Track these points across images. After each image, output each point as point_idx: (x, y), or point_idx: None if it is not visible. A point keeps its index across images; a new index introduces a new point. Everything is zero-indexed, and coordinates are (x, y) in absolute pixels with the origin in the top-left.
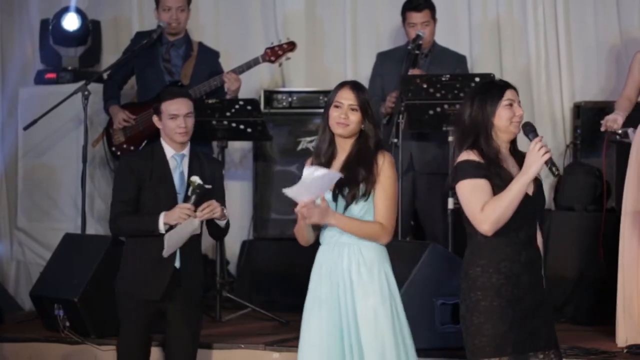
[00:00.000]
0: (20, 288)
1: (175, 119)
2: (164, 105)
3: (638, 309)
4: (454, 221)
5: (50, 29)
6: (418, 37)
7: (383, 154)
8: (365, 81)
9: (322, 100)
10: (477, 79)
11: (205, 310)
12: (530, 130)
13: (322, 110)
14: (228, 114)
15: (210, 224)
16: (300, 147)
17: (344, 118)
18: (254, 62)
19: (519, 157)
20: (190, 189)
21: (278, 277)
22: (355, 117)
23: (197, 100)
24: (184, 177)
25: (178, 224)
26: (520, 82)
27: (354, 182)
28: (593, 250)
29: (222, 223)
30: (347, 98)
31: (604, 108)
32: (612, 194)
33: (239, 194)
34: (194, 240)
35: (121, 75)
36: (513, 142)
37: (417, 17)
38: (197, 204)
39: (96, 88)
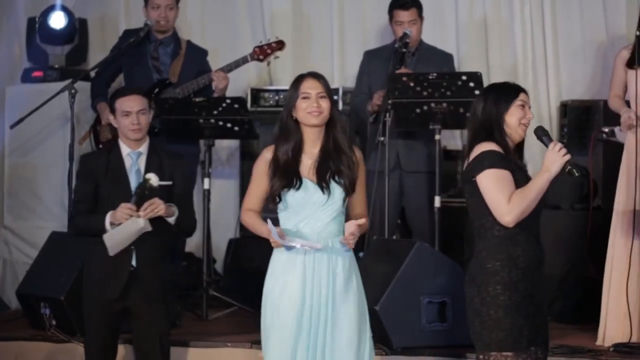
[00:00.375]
0: (6, 286)
1: (128, 115)
2: (118, 103)
3: (625, 308)
4: (441, 220)
5: (37, 27)
6: (405, 35)
7: (356, 147)
8: (353, 80)
9: None
10: (464, 78)
11: (192, 308)
12: (543, 133)
13: None
14: (215, 112)
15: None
16: None
17: (317, 107)
18: (243, 61)
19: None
20: (136, 188)
21: (265, 275)
22: (326, 104)
23: (184, 98)
24: (140, 175)
25: (121, 223)
26: (508, 80)
27: (343, 170)
28: (579, 248)
29: (170, 220)
30: (313, 87)
31: (591, 107)
32: (598, 193)
33: (225, 192)
34: (153, 239)
35: (109, 73)
36: (520, 148)
37: (404, 15)
38: (140, 204)
39: (83, 86)
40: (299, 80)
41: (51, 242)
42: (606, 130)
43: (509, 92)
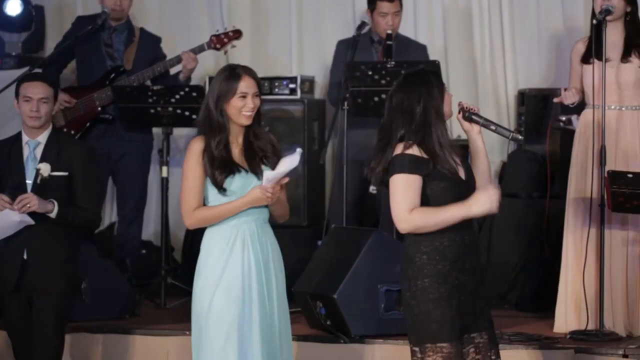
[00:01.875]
0: None
1: (29, 102)
2: (21, 88)
3: (582, 295)
4: None
5: None
6: (363, 23)
7: (270, 134)
8: (311, 68)
9: (267, 87)
10: (422, 66)
11: (150, 297)
12: (472, 113)
13: (269, 97)
14: (172, 100)
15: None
16: None
17: (252, 107)
18: (199, 49)
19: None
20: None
21: None
22: (258, 102)
23: (142, 86)
24: (36, 164)
25: None
26: (465, 69)
27: (269, 154)
28: (537, 237)
29: (52, 215)
30: (251, 86)
31: (548, 95)
32: (556, 181)
33: None
34: (44, 232)
35: (62, 60)
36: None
37: (388, 6)
38: (13, 196)
39: None
40: (235, 76)
41: None
42: (563, 118)
43: (436, 81)
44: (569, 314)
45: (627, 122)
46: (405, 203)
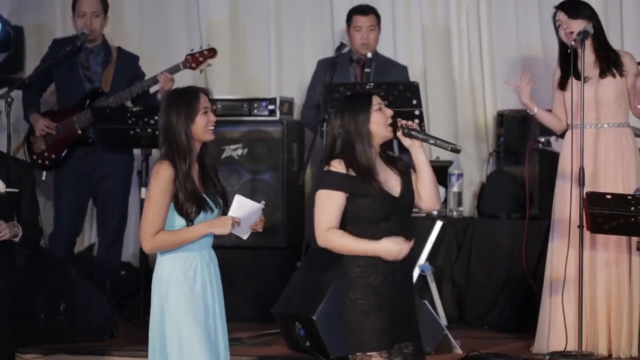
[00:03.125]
0: None
1: None
2: None
3: (560, 316)
4: None
5: None
6: (342, 45)
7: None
8: (290, 89)
9: (246, 108)
10: (401, 87)
11: (129, 317)
12: (410, 129)
13: (248, 118)
14: (152, 121)
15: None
16: (224, 155)
17: (214, 122)
18: (175, 69)
19: (389, 161)
20: None
21: None
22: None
23: (121, 107)
24: None
25: None
26: (445, 90)
27: (218, 179)
28: (516, 257)
29: (16, 240)
30: (208, 101)
31: (527, 117)
32: (534, 202)
33: None
34: None
35: (40, 83)
36: (383, 146)
37: (363, 20)
38: None
39: (20, 95)
40: (193, 94)
41: None
42: (542, 140)
43: (362, 101)
44: (549, 334)
45: (609, 140)
46: (325, 219)
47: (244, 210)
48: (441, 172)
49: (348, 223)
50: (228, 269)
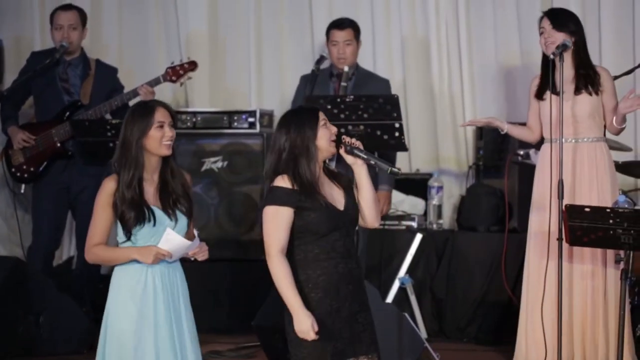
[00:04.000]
0: None
1: None
2: None
3: (539, 328)
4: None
5: None
6: (322, 57)
7: (185, 171)
8: (270, 102)
9: (226, 121)
10: (381, 100)
11: None
12: (353, 147)
13: (228, 131)
14: None
15: None
16: (204, 167)
17: (171, 136)
18: (155, 82)
19: (332, 175)
20: None
21: None
22: (174, 134)
23: (100, 120)
24: None
25: None
26: (424, 102)
27: (181, 194)
28: (496, 270)
29: None
30: (166, 116)
31: None
32: (514, 215)
33: None
34: None
35: (19, 96)
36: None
37: (339, 35)
38: None
39: None
40: (149, 108)
41: None
42: (521, 152)
43: (309, 116)
44: (528, 347)
45: (584, 154)
46: (275, 237)
47: (173, 244)
48: (421, 185)
49: (295, 237)
50: (208, 281)
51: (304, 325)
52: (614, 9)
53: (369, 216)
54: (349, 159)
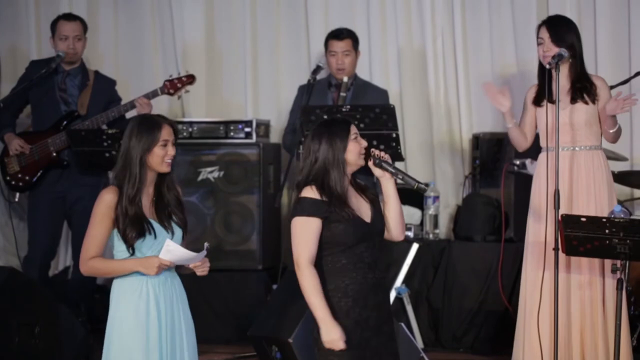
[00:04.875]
0: None
1: None
2: None
3: (536, 338)
4: None
5: None
6: (318, 67)
7: (177, 184)
8: (266, 112)
9: (223, 131)
10: (377, 110)
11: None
12: (382, 161)
13: (224, 141)
14: None
15: None
16: (200, 177)
17: (172, 154)
18: (153, 94)
19: (359, 188)
20: None
21: None
22: (175, 151)
23: (96, 130)
24: None
25: None
26: (420, 113)
27: (176, 206)
28: (492, 280)
29: None
30: (171, 134)
31: (502, 139)
32: (510, 224)
33: None
34: None
35: (16, 105)
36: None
37: (338, 45)
38: None
39: None
40: (156, 125)
41: None
42: (517, 162)
43: (341, 129)
44: (524, 357)
45: (581, 162)
46: (304, 247)
47: (174, 254)
48: (417, 195)
49: (323, 248)
50: (204, 291)
51: (333, 334)
52: (609, 17)
53: (395, 229)
54: (377, 171)
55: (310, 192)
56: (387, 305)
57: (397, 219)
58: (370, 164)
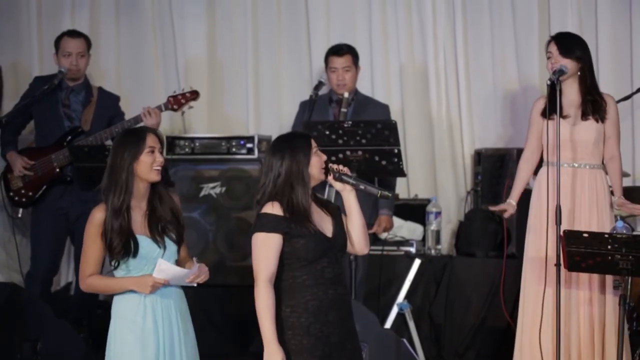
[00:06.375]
0: None
1: None
2: None
3: (537, 354)
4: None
5: None
6: (320, 83)
7: (174, 194)
8: (268, 128)
9: (225, 146)
10: (379, 126)
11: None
12: (341, 174)
13: (226, 157)
14: None
15: None
16: (202, 193)
17: (161, 162)
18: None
19: (320, 203)
20: None
21: None
22: (164, 159)
23: (99, 146)
24: None
25: None
26: (422, 129)
27: (170, 221)
28: (494, 296)
29: None
30: (157, 142)
31: (504, 155)
32: (512, 240)
33: None
34: None
35: (19, 121)
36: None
37: (338, 61)
38: None
39: None
40: (140, 134)
41: None
42: None
43: (302, 143)
44: None
45: (585, 180)
46: (265, 263)
47: (167, 273)
48: (419, 210)
49: (284, 263)
50: (206, 306)
51: (273, 358)
52: (611, 32)
53: (358, 243)
54: (337, 185)
55: (271, 209)
56: (351, 321)
57: (360, 231)
58: (330, 178)
